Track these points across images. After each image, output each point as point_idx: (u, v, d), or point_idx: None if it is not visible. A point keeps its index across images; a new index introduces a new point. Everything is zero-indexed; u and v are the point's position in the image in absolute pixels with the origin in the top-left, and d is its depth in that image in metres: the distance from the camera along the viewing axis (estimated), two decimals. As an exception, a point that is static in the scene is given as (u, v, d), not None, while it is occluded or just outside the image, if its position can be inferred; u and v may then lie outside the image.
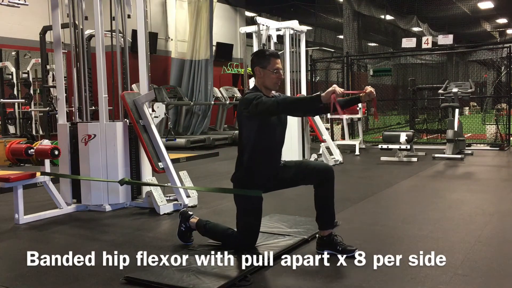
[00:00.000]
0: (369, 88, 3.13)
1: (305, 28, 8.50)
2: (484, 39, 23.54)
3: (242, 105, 3.09)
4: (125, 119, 4.93)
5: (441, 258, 3.05)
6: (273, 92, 3.28)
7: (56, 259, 3.25)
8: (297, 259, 3.12)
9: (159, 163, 4.72)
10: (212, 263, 2.95)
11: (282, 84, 7.01)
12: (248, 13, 17.36)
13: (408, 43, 11.13)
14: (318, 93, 2.84)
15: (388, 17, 19.32)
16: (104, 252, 3.37)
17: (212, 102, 11.92)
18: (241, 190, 3.14)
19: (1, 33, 10.41)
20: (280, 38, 8.34)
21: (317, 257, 3.14)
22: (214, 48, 12.97)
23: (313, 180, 3.14)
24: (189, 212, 3.49)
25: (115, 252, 3.35)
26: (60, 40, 5.20)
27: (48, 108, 9.64)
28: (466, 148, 9.07)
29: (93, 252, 3.38)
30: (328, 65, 14.49)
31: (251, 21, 11.26)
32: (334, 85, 2.81)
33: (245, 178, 3.15)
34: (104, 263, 3.12)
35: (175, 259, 3.04)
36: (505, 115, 10.24)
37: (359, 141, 9.74)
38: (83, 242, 3.69)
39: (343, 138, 10.55)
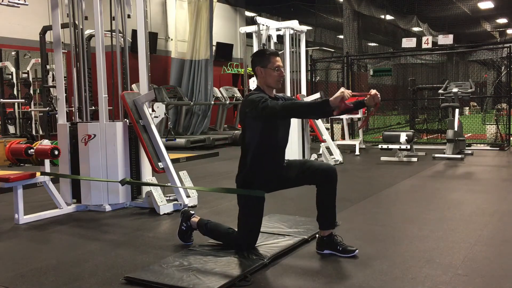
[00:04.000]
0: (373, 91, 3.02)
1: (305, 28, 8.50)
2: (484, 39, 23.55)
3: (245, 106, 3.09)
4: (125, 119, 4.93)
5: (441, 258, 3.05)
6: (278, 94, 3.27)
7: (56, 259, 3.25)
8: (297, 259, 3.13)
9: (159, 163, 4.72)
10: (212, 263, 2.95)
11: (282, 84, 7.03)
12: (248, 13, 17.37)
13: (408, 43, 11.13)
14: (326, 98, 2.82)
15: (388, 17, 19.33)
16: (104, 252, 3.38)
17: (212, 102, 11.92)
18: (244, 190, 3.14)
19: (1, 33, 10.42)
20: (280, 38, 8.35)
21: (317, 257, 3.14)
22: (214, 48, 12.97)
23: (316, 180, 3.13)
24: (190, 212, 3.49)
25: (115, 252, 3.36)
26: (60, 40, 5.19)
27: (48, 108, 9.65)
28: (466, 148, 9.07)
29: (93, 252, 3.39)
30: (328, 65, 14.49)
31: (251, 21, 11.25)
32: (342, 90, 2.78)
33: (249, 178, 3.14)
34: (104, 263, 3.13)
35: (175, 259, 3.05)
36: (505, 115, 10.24)
37: (359, 141, 9.74)
38: (83, 242, 3.69)
39: (343, 138, 10.55)
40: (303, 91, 8.37)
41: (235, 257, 3.05)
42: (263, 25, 8.05)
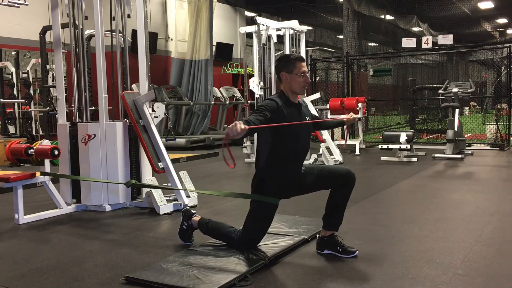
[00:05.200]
0: (353, 115, 3.57)
1: (305, 28, 8.50)
2: (484, 39, 23.56)
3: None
4: (125, 119, 4.93)
5: (441, 258, 3.05)
6: (301, 100, 3.26)
7: (56, 259, 3.25)
8: (297, 259, 3.13)
9: (159, 163, 4.71)
10: (212, 263, 2.95)
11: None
12: (248, 13, 17.37)
13: (408, 43, 11.13)
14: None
15: (388, 17, 19.33)
16: (104, 252, 3.38)
17: (212, 102, 11.92)
18: (258, 196, 3.10)
19: (1, 33, 10.42)
20: (280, 38, 8.34)
21: (317, 257, 3.14)
22: (214, 48, 12.97)
23: (334, 184, 3.10)
24: (191, 211, 3.49)
25: (115, 252, 3.36)
26: (60, 40, 5.19)
27: (48, 108, 9.65)
28: (466, 148, 9.07)
29: (93, 252, 3.39)
30: (328, 65, 14.49)
31: (251, 21, 11.26)
32: (235, 125, 2.54)
33: (263, 185, 3.11)
34: (104, 263, 3.13)
35: (175, 259, 3.05)
36: (505, 115, 10.24)
37: (359, 141, 9.74)
38: (83, 242, 3.69)
39: (343, 138, 10.55)
40: (303, 91, 8.36)
41: (235, 257, 3.05)
42: (263, 25, 8.05)
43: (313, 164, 3.44)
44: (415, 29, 19.98)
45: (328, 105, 9.95)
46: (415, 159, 7.96)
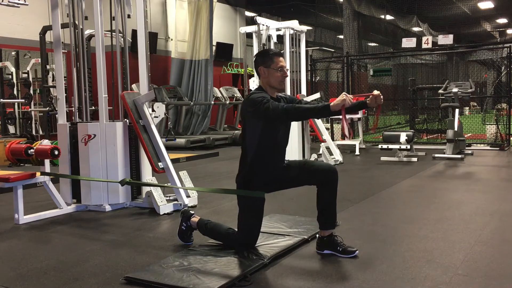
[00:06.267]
0: (376, 92, 3.00)
1: (305, 28, 8.50)
2: (484, 39, 23.57)
3: (247, 105, 3.08)
4: (125, 119, 4.93)
5: (441, 258, 3.05)
6: (280, 94, 3.27)
7: (56, 259, 3.26)
8: (297, 259, 3.13)
9: (159, 163, 4.71)
10: (212, 263, 2.95)
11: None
12: (248, 13, 17.37)
13: (408, 43, 11.13)
14: (327, 104, 2.85)
15: (388, 17, 19.34)
16: (104, 252, 3.38)
17: (212, 102, 11.92)
18: (243, 191, 3.13)
19: (1, 33, 10.41)
20: (280, 38, 8.34)
21: (317, 257, 3.14)
22: (214, 48, 12.97)
23: (317, 180, 3.12)
24: (190, 211, 3.49)
25: (115, 252, 3.36)
26: (60, 40, 5.19)
27: (48, 108, 9.64)
28: (466, 148, 9.07)
29: (93, 252, 3.39)
30: (328, 65, 14.49)
31: (251, 21, 11.27)
32: (344, 95, 2.80)
33: (249, 178, 3.14)
34: (104, 263, 3.13)
35: (175, 259, 3.05)
36: (505, 115, 10.24)
37: (359, 141, 9.74)
38: (83, 242, 3.69)
39: (343, 138, 10.55)
40: (303, 91, 8.37)
41: (235, 257, 3.05)
42: (263, 25, 8.05)
43: (295, 160, 3.45)
44: (415, 29, 19.99)
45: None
46: (415, 159, 7.96)
